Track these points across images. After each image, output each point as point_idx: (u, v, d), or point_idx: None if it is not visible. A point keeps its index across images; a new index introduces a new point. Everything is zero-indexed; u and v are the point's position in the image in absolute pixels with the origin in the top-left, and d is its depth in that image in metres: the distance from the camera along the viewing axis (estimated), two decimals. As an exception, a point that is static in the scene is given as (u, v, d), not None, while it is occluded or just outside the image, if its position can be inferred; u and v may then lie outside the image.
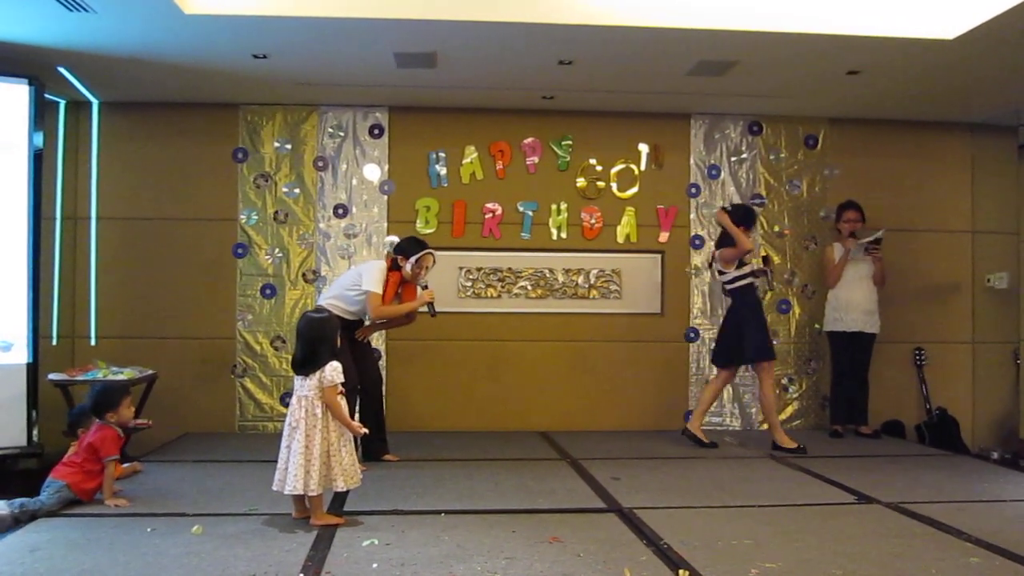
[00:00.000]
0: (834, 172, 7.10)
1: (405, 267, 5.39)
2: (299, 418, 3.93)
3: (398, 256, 5.41)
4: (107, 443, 4.30)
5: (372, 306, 5.33)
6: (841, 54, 5.47)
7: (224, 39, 5.27)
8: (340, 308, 5.33)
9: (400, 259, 5.40)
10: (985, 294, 7.26)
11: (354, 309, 5.43)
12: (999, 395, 7.27)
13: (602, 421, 6.86)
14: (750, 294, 6.07)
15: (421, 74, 5.94)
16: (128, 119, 6.70)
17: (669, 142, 7.03)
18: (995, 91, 6.27)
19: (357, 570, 3.29)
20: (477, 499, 4.51)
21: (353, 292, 5.37)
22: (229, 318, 6.70)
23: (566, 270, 6.96)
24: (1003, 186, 7.30)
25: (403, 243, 5.47)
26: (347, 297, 5.38)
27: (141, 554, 3.47)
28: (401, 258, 5.39)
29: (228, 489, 4.69)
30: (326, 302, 5.37)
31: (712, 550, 3.59)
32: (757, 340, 5.93)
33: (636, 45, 5.32)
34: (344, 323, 5.28)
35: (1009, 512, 4.39)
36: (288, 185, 6.76)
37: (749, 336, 5.93)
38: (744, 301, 6.05)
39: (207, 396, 6.63)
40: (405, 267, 5.39)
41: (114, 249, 6.64)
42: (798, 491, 4.81)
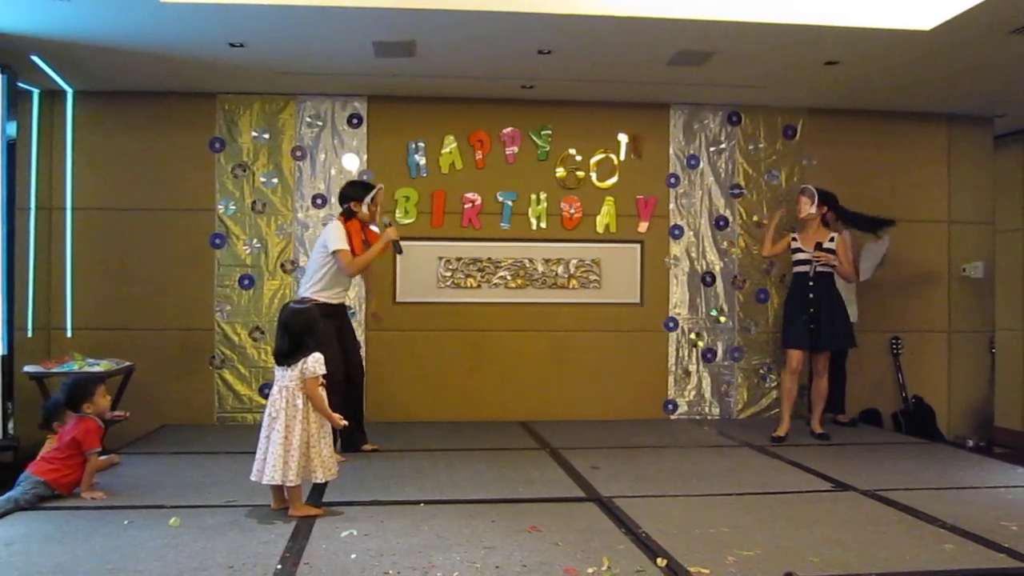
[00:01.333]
0: (812, 162, 7.13)
1: (362, 210, 5.37)
2: (279, 408, 3.92)
3: (350, 204, 5.37)
4: (90, 435, 4.26)
5: (345, 263, 5.25)
6: (819, 45, 5.49)
7: (200, 27, 5.21)
8: (324, 295, 5.29)
9: (353, 205, 5.36)
10: (961, 283, 7.33)
11: (336, 289, 5.39)
12: (974, 383, 7.35)
13: (582, 410, 6.88)
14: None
15: (400, 63, 5.91)
16: (103, 108, 6.62)
17: (648, 132, 7.04)
18: (971, 82, 6.31)
19: (336, 561, 3.29)
20: (456, 489, 4.52)
21: (326, 267, 5.30)
22: (207, 309, 6.66)
23: (546, 260, 6.96)
24: (979, 176, 7.38)
25: (348, 191, 5.44)
26: (323, 276, 5.31)
27: (118, 547, 3.45)
28: (354, 204, 5.36)
29: (206, 481, 4.66)
30: (308, 294, 5.31)
31: (690, 538, 3.61)
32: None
33: (615, 35, 5.31)
34: (331, 310, 5.30)
35: (983, 499, 4.44)
36: (266, 175, 6.72)
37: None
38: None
39: (185, 388, 6.59)
40: (362, 210, 5.37)
41: (90, 240, 6.58)
42: (775, 479, 4.84)
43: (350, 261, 5.26)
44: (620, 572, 3.18)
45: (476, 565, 3.24)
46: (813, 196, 6.02)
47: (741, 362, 7.08)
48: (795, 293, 6.13)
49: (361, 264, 5.35)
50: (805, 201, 6.05)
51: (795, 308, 6.07)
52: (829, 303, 5.99)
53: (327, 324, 5.22)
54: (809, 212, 6.02)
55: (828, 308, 5.98)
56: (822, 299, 5.98)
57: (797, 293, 6.10)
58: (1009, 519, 3.94)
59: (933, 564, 3.30)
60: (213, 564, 3.24)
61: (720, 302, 7.08)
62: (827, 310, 5.97)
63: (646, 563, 3.29)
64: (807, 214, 6.04)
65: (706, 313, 7.06)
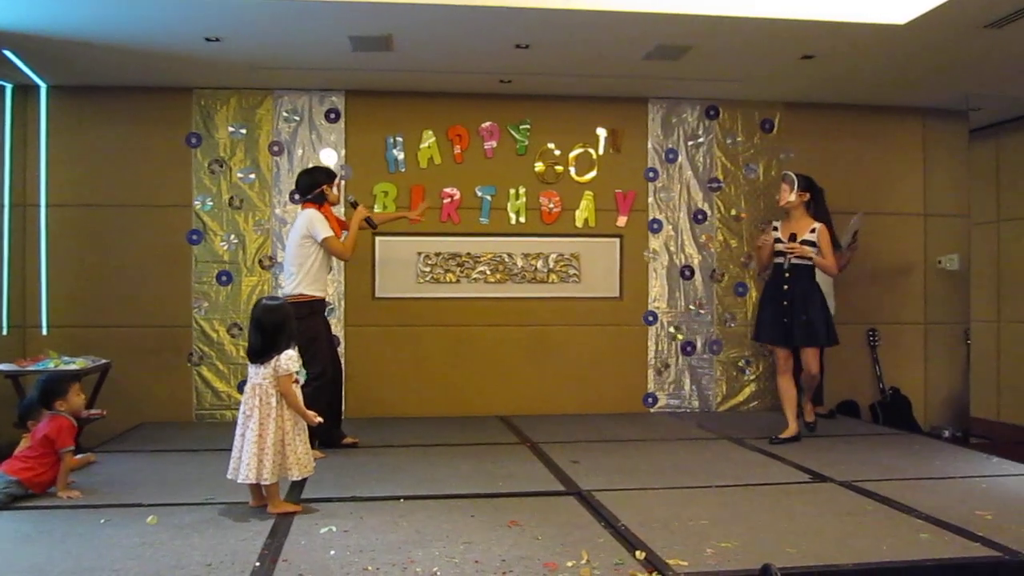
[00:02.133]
0: (789, 156, 7.16)
1: (333, 192, 5.39)
2: (253, 407, 3.89)
3: (322, 188, 5.33)
4: (62, 433, 4.22)
5: (336, 250, 5.26)
6: (795, 39, 5.51)
7: (176, 21, 5.17)
8: (312, 288, 5.27)
9: (325, 189, 5.34)
10: (937, 276, 7.40)
11: (322, 281, 5.37)
12: (950, 375, 7.42)
13: (561, 405, 6.89)
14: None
15: (377, 58, 5.88)
16: (78, 104, 6.56)
17: (627, 126, 7.05)
18: (946, 76, 6.36)
19: (314, 557, 3.27)
20: (436, 484, 4.51)
21: (311, 258, 5.25)
22: (184, 305, 6.61)
23: (525, 254, 6.96)
24: (954, 170, 7.43)
25: (315, 176, 5.40)
26: (309, 268, 5.25)
27: (94, 546, 3.42)
28: (325, 187, 5.34)
29: (185, 479, 4.63)
30: (296, 290, 5.22)
31: (669, 530, 3.62)
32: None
33: (593, 29, 5.32)
34: (319, 306, 5.36)
35: (959, 489, 4.48)
36: (243, 170, 6.67)
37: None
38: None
39: (163, 385, 6.55)
40: (333, 192, 5.39)
41: (65, 237, 6.52)
42: (754, 471, 4.87)
43: (338, 246, 5.27)
44: (599, 565, 3.18)
45: (455, 560, 3.24)
46: (793, 182, 5.72)
47: (720, 355, 7.11)
48: (769, 285, 5.88)
49: (350, 247, 5.37)
50: (785, 188, 5.75)
51: (767, 301, 5.83)
52: (804, 297, 5.61)
53: (317, 321, 5.31)
54: (789, 200, 5.71)
55: (802, 302, 5.60)
56: (796, 292, 5.62)
57: (771, 285, 5.84)
58: (984, 508, 3.98)
59: (909, 554, 3.32)
60: (191, 562, 3.22)
61: (699, 296, 7.10)
62: (800, 304, 5.60)
63: (625, 556, 3.30)
64: (787, 202, 5.73)
65: (685, 307, 7.08)
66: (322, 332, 5.38)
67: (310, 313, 5.20)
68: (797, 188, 5.69)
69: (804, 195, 5.72)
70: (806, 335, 5.62)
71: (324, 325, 5.47)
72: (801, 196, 5.71)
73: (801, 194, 5.70)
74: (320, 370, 5.23)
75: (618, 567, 3.18)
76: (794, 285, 5.66)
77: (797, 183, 5.69)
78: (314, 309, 5.29)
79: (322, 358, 5.28)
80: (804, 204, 5.74)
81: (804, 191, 5.72)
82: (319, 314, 5.39)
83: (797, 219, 5.73)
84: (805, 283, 5.67)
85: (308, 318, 5.13)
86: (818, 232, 5.66)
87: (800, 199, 5.71)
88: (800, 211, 5.74)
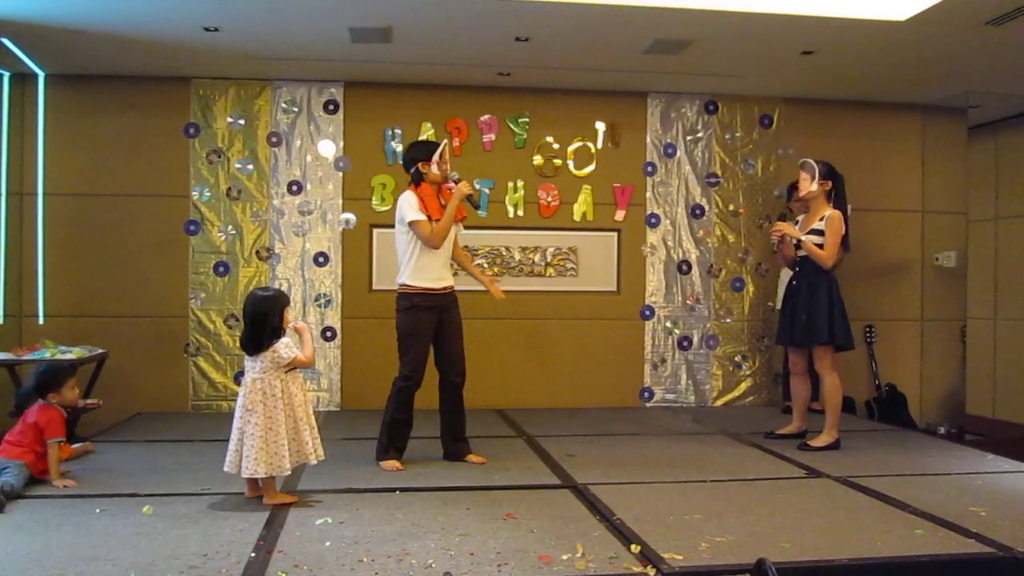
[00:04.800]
0: (788, 151, 7.16)
1: (432, 169, 4.76)
2: (256, 402, 3.87)
3: (418, 165, 4.78)
4: (52, 424, 4.23)
5: (426, 234, 4.65)
6: (795, 34, 5.51)
7: (174, 10, 5.15)
8: (422, 280, 4.73)
9: (421, 166, 4.77)
10: (933, 273, 7.40)
11: (434, 270, 4.76)
12: (946, 371, 7.43)
13: (558, 398, 6.90)
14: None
15: (376, 49, 5.87)
16: (76, 92, 6.54)
17: (626, 121, 7.04)
18: (945, 73, 6.36)
19: (310, 549, 3.28)
20: (432, 477, 4.52)
21: (411, 246, 4.71)
22: (182, 296, 6.60)
23: (523, 248, 6.95)
24: (952, 167, 7.44)
25: (412, 152, 4.86)
26: (412, 257, 4.73)
27: (90, 535, 3.43)
28: (422, 164, 4.77)
29: (181, 469, 4.63)
30: (407, 281, 4.75)
31: (664, 525, 3.63)
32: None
33: (592, 22, 5.30)
34: (433, 300, 4.77)
35: (954, 485, 4.49)
36: (241, 161, 6.66)
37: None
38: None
39: (160, 375, 6.54)
40: (432, 169, 4.76)
41: (62, 226, 6.50)
42: (749, 466, 4.88)
43: (428, 231, 4.66)
44: (594, 559, 3.19)
45: (451, 552, 3.25)
46: (814, 171, 5.22)
47: (716, 350, 7.11)
48: (788, 283, 5.57)
49: (443, 231, 4.72)
50: (805, 177, 5.26)
51: (783, 300, 5.62)
52: (808, 293, 5.24)
53: (418, 316, 4.73)
54: (810, 190, 5.22)
55: (807, 299, 5.23)
56: (801, 288, 5.30)
57: (788, 283, 5.55)
58: (979, 505, 3.99)
59: (904, 550, 3.34)
60: (186, 552, 3.22)
61: (696, 290, 7.11)
62: (805, 301, 5.24)
63: (620, 549, 3.31)
64: (807, 192, 5.25)
65: (682, 301, 7.09)
66: (422, 330, 4.73)
67: (410, 307, 4.71)
68: (818, 176, 5.21)
69: (826, 184, 5.22)
70: (805, 333, 5.28)
71: (433, 321, 4.77)
72: (823, 185, 5.22)
73: (823, 183, 5.22)
74: (407, 372, 4.74)
75: (613, 561, 3.18)
76: (800, 281, 5.34)
77: (818, 171, 5.22)
78: (414, 303, 4.71)
79: (413, 359, 4.74)
80: (826, 194, 5.25)
81: (826, 179, 5.23)
82: (422, 309, 4.72)
83: (816, 210, 5.27)
84: (810, 278, 5.27)
85: (407, 312, 4.72)
86: (827, 219, 5.16)
87: (822, 188, 5.23)
88: (820, 201, 5.25)
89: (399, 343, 4.79)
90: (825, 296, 5.22)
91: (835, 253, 5.19)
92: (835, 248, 5.18)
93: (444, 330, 4.84)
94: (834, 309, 5.23)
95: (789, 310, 5.42)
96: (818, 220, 5.22)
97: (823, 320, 5.19)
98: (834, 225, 5.15)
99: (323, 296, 6.71)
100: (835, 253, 5.19)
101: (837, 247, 5.18)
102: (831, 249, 5.16)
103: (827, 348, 5.28)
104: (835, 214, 5.18)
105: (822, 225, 5.19)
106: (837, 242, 5.17)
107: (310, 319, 6.66)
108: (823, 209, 5.24)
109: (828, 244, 5.16)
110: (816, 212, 5.28)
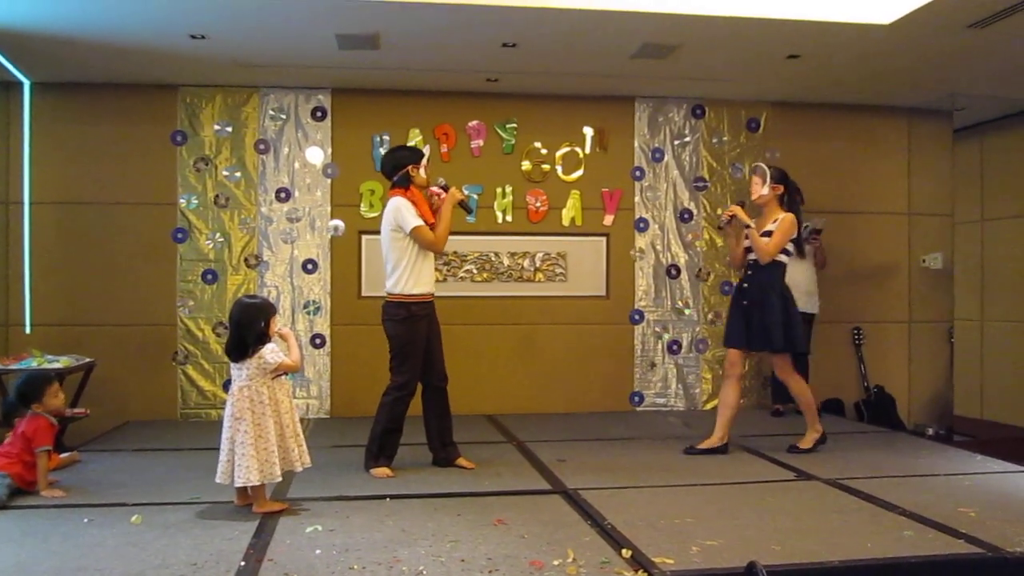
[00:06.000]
0: (775, 155, 7.18)
1: (420, 172, 4.73)
2: (244, 409, 3.86)
3: (407, 168, 4.71)
4: (39, 433, 4.21)
5: (430, 240, 4.62)
6: (781, 38, 5.53)
7: (161, 18, 5.15)
8: (419, 288, 4.68)
9: (411, 169, 4.71)
10: (920, 275, 7.44)
11: (427, 276, 4.73)
12: (934, 373, 7.47)
13: (548, 404, 6.89)
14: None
15: (364, 56, 5.87)
16: (62, 101, 6.51)
17: (614, 125, 7.06)
18: (930, 76, 6.40)
19: (300, 557, 3.27)
20: (422, 483, 4.51)
21: (407, 253, 4.64)
22: (169, 304, 6.58)
23: (511, 253, 6.96)
24: (938, 169, 7.48)
25: (401, 156, 4.79)
26: (408, 265, 4.66)
27: (78, 545, 3.40)
28: (412, 168, 4.71)
29: (170, 478, 4.61)
30: (403, 290, 4.67)
31: (655, 529, 3.63)
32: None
33: (580, 27, 5.32)
34: (426, 308, 4.75)
35: (942, 486, 4.51)
36: (229, 168, 6.64)
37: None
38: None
39: (148, 384, 6.51)
40: (420, 172, 4.73)
41: (49, 234, 6.47)
42: (739, 469, 4.88)
43: (429, 236, 4.62)
44: (585, 564, 3.19)
45: (441, 559, 3.24)
46: (765, 175, 5.23)
47: (706, 354, 7.13)
48: (737, 285, 5.54)
49: (445, 236, 4.73)
50: (757, 181, 5.28)
51: (732, 301, 5.51)
52: (760, 296, 5.18)
53: (414, 325, 4.69)
54: (761, 194, 5.23)
55: (759, 304, 5.17)
56: (753, 292, 5.22)
57: (737, 285, 5.52)
58: (967, 506, 4.01)
59: (894, 551, 3.34)
60: (176, 561, 3.20)
61: (685, 295, 7.12)
62: (758, 306, 5.17)
63: (611, 554, 3.30)
64: (759, 196, 5.25)
65: (671, 306, 7.10)
66: (419, 338, 4.70)
67: (407, 316, 4.65)
68: (770, 181, 5.22)
69: (778, 188, 5.25)
70: (762, 340, 5.18)
71: (427, 330, 4.75)
72: (775, 189, 5.24)
73: (775, 187, 5.24)
74: (403, 381, 4.71)
75: (604, 566, 3.18)
76: (752, 285, 5.26)
77: (770, 175, 5.23)
78: (412, 312, 4.66)
79: (410, 368, 4.72)
80: (778, 198, 5.27)
81: (777, 184, 5.25)
82: (419, 317, 4.69)
83: (769, 214, 5.27)
84: (763, 281, 5.20)
85: (405, 322, 4.66)
86: (780, 220, 5.18)
87: (774, 192, 5.24)
88: (773, 206, 5.26)
89: (396, 352, 4.73)
90: (779, 303, 5.17)
91: (777, 251, 5.17)
92: (779, 246, 5.16)
93: (429, 337, 4.82)
94: (789, 316, 5.19)
95: (740, 313, 5.28)
96: (771, 222, 5.22)
97: (778, 327, 5.13)
98: (785, 225, 5.16)
99: (312, 303, 6.70)
100: (777, 251, 5.17)
101: (782, 245, 5.17)
102: (774, 247, 5.15)
103: (785, 354, 5.26)
104: (788, 216, 5.20)
105: (774, 227, 5.19)
106: (783, 241, 5.17)
107: (299, 326, 6.64)
108: (776, 213, 5.24)
109: (773, 241, 5.15)
110: (769, 216, 5.27)
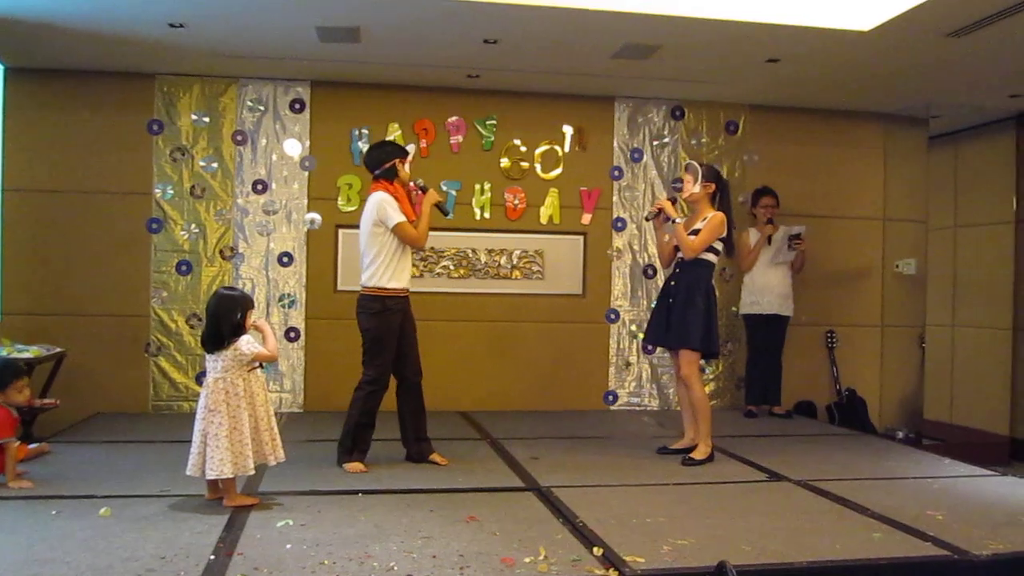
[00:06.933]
0: (753, 158, 7.23)
1: (404, 168, 4.78)
2: (219, 401, 3.83)
3: (394, 162, 4.74)
4: (1, 425, 4.15)
5: (409, 237, 4.66)
6: (761, 41, 5.56)
7: (139, 5, 5.08)
8: (396, 281, 4.70)
9: (397, 163, 4.74)
10: (894, 280, 7.51)
11: (405, 270, 4.76)
12: (905, 377, 7.54)
13: (523, 401, 6.90)
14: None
15: (344, 49, 5.84)
16: (37, 87, 6.42)
17: (593, 125, 7.07)
18: (907, 83, 6.46)
19: (270, 551, 3.25)
20: (395, 479, 4.50)
21: (385, 248, 4.67)
22: (143, 295, 6.51)
23: (489, 250, 6.95)
24: (913, 175, 7.56)
25: (388, 150, 4.82)
26: (387, 258, 4.68)
27: (45, 538, 3.36)
28: (397, 162, 4.75)
29: (140, 470, 4.57)
30: (379, 283, 4.68)
31: (626, 527, 3.64)
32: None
33: (562, 26, 5.32)
34: (402, 302, 4.77)
35: (911, 489, 4.56)
36: (206, 159, 6.59)
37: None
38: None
39: (119, 375, 6.45)
40: (404, 168, 4.78)
41: (21, 222, 6.38)
42: (712, 470, 4.91)
43: (411, 233, 4.67)
44: (557, 561, 3.20)
45: (413, 555, 3.24)
46: (697, 173, 5.17)
47: (681, 354, 7.15)
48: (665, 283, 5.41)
49: (426, 234, 4.79)
50: (688, 179, 5.22)
51: (657, 299, 5.46)
52: (685, 295, 5.10)
53: (388, 319, 4.70)
54: (692, 191, 5.17)
55: (683, 303, 5.09)
56: (680, 289, 5.14)
57: (664, 282, 5.41)
58: (935, 508, 4.06)
59: (862, 552, 3.38)
60: (145, 555, 3.18)
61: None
62: (681, 304, 5.10)
63: (583, 552, 3.31)
64: (690, 193, 5.21)
65: (647, 306, 7.12)
66: (391, 333, 4.71)
67: (382, 310, 4.67)
68: (701, 179, 5.16)
69: (709, 186, 5.18)
70: (678, 336, 5.11)
71: (401, 325, 4.76)
72: (706, 187, 5.17)
73: (706, 185, 5.17)
74: (375, 375, 4.73)
75: (575, 563, 3.19)
76: (679, 283, 5.18)
77: (701, 173, 5.18)
78: (387, 305, 4.68)
79: (381, 363, 4.74)
80: (709, 197, 5.20)
81: (709, 182, 5.18)
82: (393, 312, 4.70)
83: (700, 212, 5.21)
84: (690, 280, 5.13)
85: (379, 315, 4.67)
86: (708, 219, 5.10)
87: (705, 191, 5.17)
88: (704, 204, 5.20)
89: (368, 347, 4.74)
90: (703, 303, 5.10)
91: (701, 248, 5.09)
92: (704, 244, 5.08)
93: (404, 331, 4.82)
94: (711, 316, 5.12)
95: (664, 310, 5.22)
96: (700, 220, 5.15)
97: (697, 326, 5.05)
98: (713, 224, 5.07)
99: (287, 296, 6.66)
100: (701, 248, 5.09)
101: (708, 243, 5.09)
102: (700, 244, 5.07)
103: (696, 354, 5.14)
104: (718, 215, 5.12)
105: (703, 225, 5.12)
106: (710, 239, 5.08)
107: (274, 319, 6.61)
108: (706, 211, 5.18)
109: (699, 238, 5.07)
110: (699, 214, 5.21)
